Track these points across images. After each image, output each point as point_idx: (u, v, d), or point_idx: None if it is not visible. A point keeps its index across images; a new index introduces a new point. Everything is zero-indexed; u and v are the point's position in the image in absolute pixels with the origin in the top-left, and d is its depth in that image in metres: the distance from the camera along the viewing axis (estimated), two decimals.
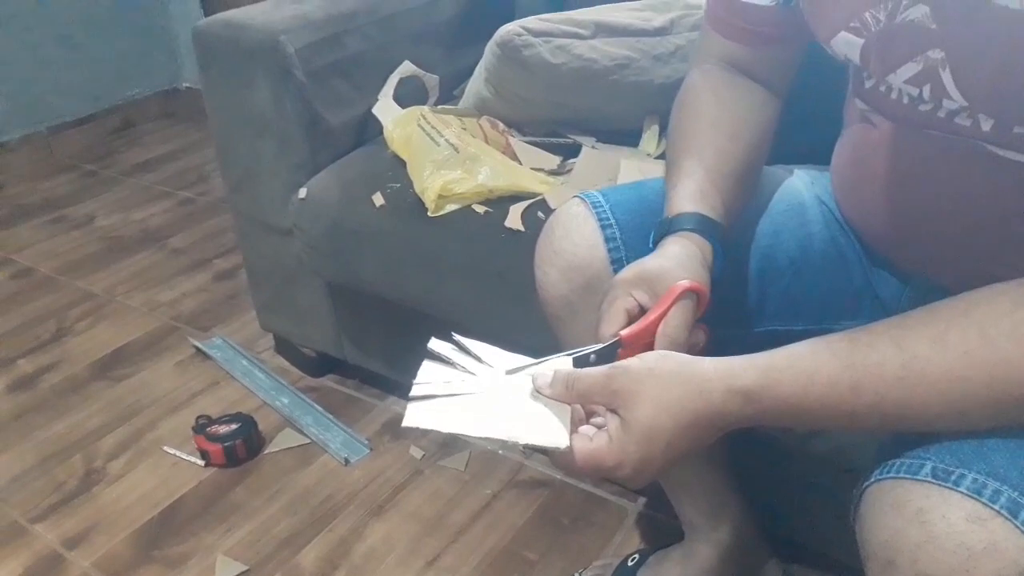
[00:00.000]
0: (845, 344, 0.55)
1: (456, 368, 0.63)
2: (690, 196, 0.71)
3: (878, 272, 0.79)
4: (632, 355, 0.60)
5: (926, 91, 0.61)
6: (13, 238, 2.17)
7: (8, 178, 2.49)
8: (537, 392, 0.61)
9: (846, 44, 0.66)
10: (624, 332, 0.63)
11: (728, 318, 0.80)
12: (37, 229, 2.21)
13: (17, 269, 2.02)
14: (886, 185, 0.71)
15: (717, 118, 0.77)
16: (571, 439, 0.58)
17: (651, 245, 0.71)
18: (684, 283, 0.63)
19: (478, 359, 0.64)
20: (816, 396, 0.54)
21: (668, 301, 0.63)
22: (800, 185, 0.84)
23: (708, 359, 0.58)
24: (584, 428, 0.60)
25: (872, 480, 0.55)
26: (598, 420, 0.61)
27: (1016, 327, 0.49)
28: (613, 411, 0.58)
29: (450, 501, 1.26)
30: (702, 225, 0.69)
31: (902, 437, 0.55)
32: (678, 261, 0.66)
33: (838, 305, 0.80)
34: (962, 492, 0.49)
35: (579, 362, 0.63)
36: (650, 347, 0.63)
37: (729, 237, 0.72)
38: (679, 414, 0.56)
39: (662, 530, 1.16)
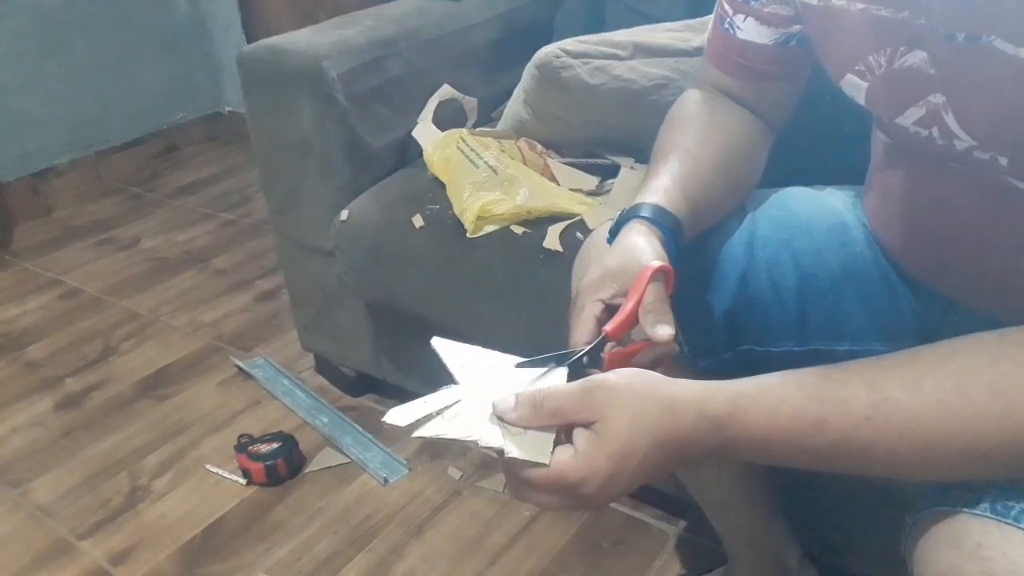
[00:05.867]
0: (815, 378, 0.54)
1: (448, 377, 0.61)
2: (651, 190, 0.73)
3: (922, 296, 0.78)
4: (616, 350, 0.61)
5: (935, 132, 0.60)
6: (62, 259, 2.23)
7: (58, 201, 2.56)
8: (500, 419, 0.56)
9: (853, 87, 0.66)
10: (608, 327, 0.62)
11: (769, 336, 0.80)
12: (85, 251, 2.27)
13: (66, 290, 2.07)
14: (913, 216, 0.71)
15: (691, 125, 0.80)
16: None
17: (608, 235, 0.73)
18: (653, 264, 0.64)
19: (471, 366, 0.62)
20: (781, 428, 0.53)
21: (641, 285, 0.63)
22: (841, 206, 0.84)
23: (680, 381, 0.56)
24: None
25: (927, 511, 0.53)
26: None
27: (994, 381, 0.48)
28: (586, 426, 0.54)
29: (489, 522, 1.26)
30: (656, 214, 0.70)
31: None
32: (637, 249, 0.67)
33: (882, 327, 0.79)
34: (1023, 528, 0.48)
35: (573, 366, 0.61)
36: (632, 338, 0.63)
37: (688, 234, 0.73)
38: (655, 433, 0.53)
39: (704, 555, 1.15)
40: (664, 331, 0.61)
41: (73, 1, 2.51)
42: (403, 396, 1.55)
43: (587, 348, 0.62)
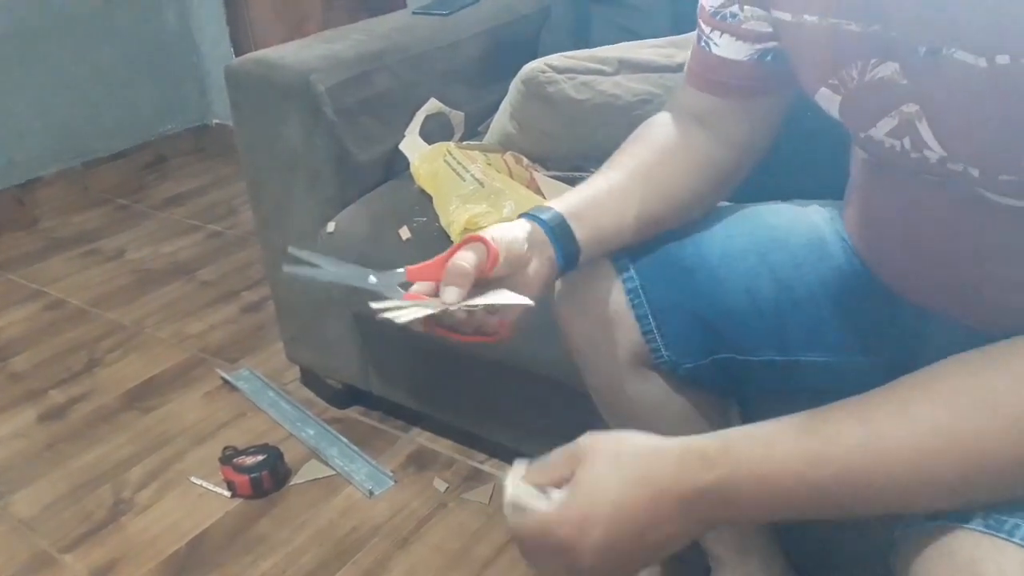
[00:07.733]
0: (801, 418, 0.54)
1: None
2: (563, 197, 0.77)
3: (901, 308, 0.79)
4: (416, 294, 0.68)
5: (907, 143, 0.61)
6: (47, 270, 2.22)
7: (44, 212, 2.55)
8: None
9: (827, 100, 0.67)
10: (411, 267, 0.69)
11: (748, 346, 0.81)
12: (70, 262, 2.26)
13: (50, 301, 2.06)
14: (890, 228, 0.72)
15: (642, 144, 0.82)
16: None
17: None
18: (475, 235, 0.68)
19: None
20: (778, 461, 0.52)
21: (455, 248, 0.69)
22: (819, 220, 0.85)
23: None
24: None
25: (917, 525, 0.53)
26: None
27: (986, 396, 0.48)
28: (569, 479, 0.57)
29: (474, 534, 1.26)
30: (549, 216, 0.74)
31: None
32: (497, 231, 0.71)
33: (861, 339, 0.80)
34: (1016, 543, 0.48)
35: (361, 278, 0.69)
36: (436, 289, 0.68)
37: (597, 237, 0.76)
38: (631, 470, 0.54)
39: (687, 563, 1.15)
40: (449, 294, 0.65)
41: (61, 12, 2.51)
42: (389, 408, 1.54)
43: (385, 273, 0.69)
